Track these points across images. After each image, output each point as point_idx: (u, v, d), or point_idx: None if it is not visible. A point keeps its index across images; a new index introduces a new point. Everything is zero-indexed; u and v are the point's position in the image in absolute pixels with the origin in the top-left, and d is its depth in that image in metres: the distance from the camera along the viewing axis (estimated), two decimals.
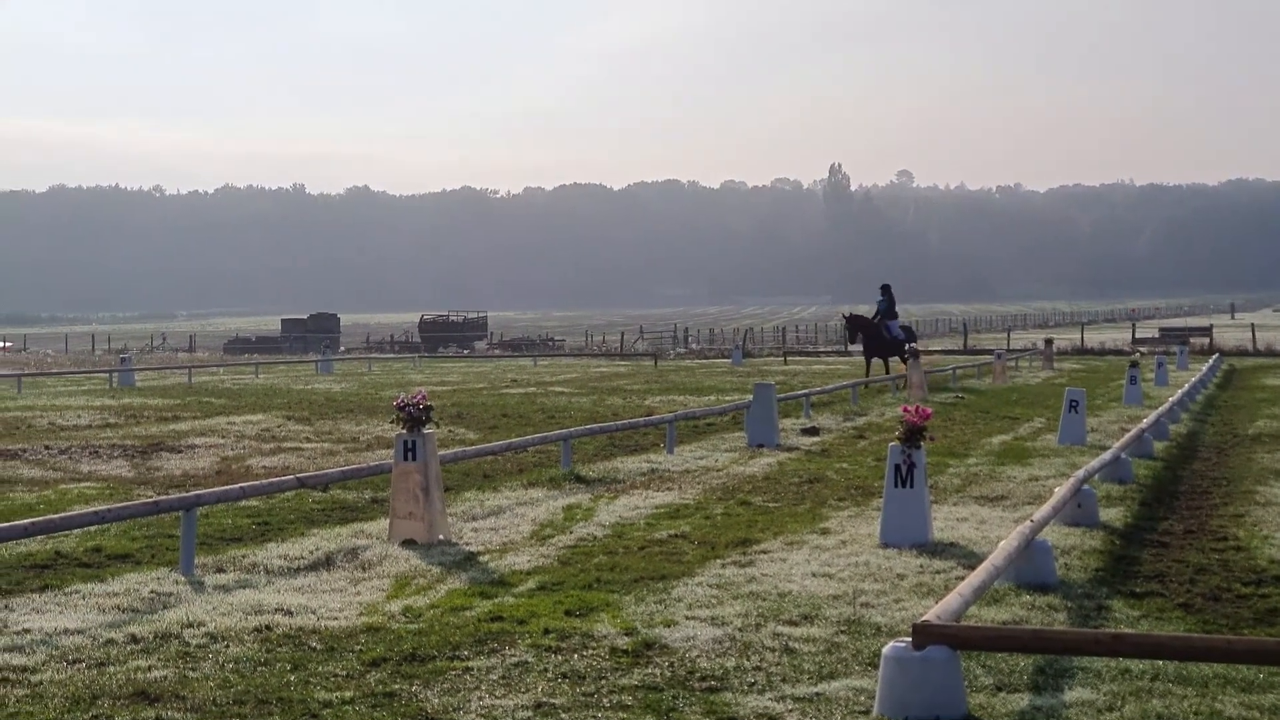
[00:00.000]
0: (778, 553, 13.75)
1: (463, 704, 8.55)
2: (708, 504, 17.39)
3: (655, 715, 8.33)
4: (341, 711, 8.41)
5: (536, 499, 17.92)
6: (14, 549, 13.73)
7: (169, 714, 8.35)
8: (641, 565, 13.08)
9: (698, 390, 40.96)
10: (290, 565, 13.26)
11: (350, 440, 26.02)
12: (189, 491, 16.46)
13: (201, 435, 26.89)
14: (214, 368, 61.40)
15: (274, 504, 17.18)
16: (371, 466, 17.54)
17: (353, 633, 10.38)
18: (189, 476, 20.68)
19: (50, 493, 18.74)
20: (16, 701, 8.61)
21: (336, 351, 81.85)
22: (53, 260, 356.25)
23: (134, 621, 10.79)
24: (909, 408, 14.68)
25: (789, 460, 22.46)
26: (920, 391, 37.02)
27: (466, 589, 12.00)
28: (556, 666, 9.40)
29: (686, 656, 9.64)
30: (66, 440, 25.90)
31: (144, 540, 14.59)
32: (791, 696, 8.67)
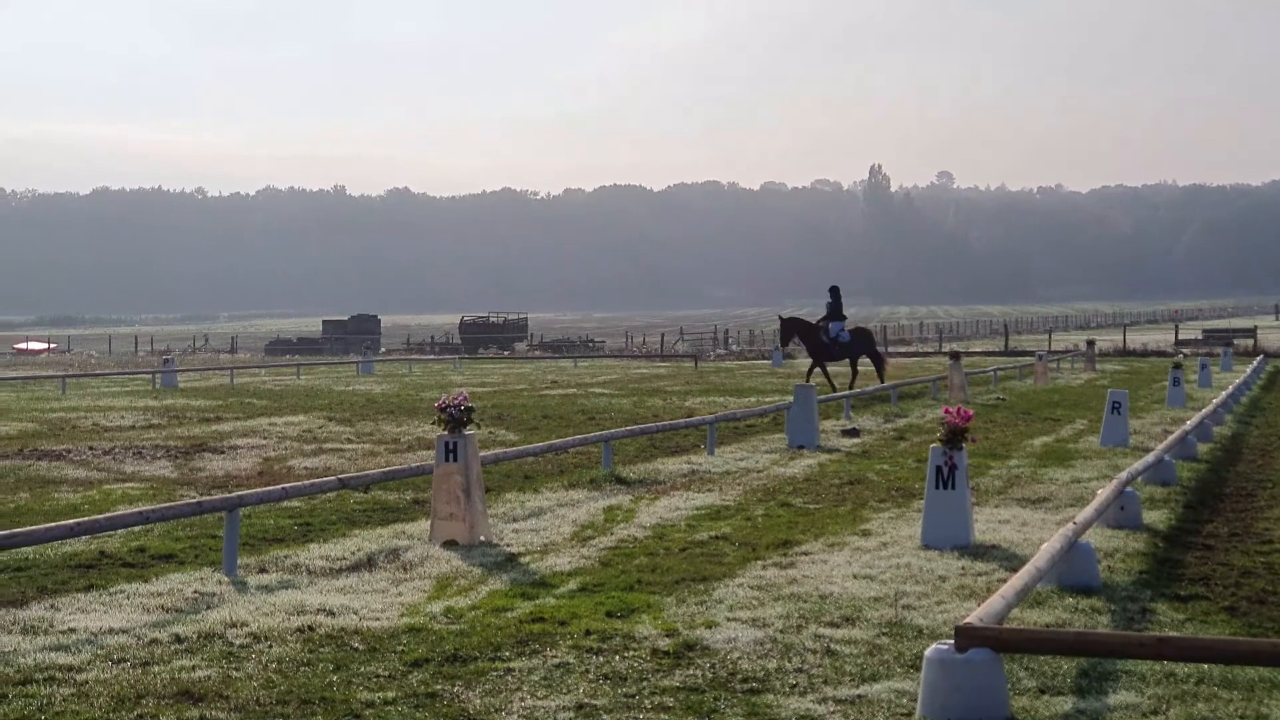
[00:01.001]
0: (819, 554, 13.73)
1: (504, 705, 8.56)
2: (748, 505, 17.37)
3: (697, 717, 8.32)
4: (384, 712, 8.43)
5: (577, 500, 17.93)
6: (59, 549, 13.82)
7: (213, 714, 8.39)
8: (682, 566, 13.07)
9: (738, 392, 40.93)
10: (332, 566, 13.30)
11: (391, 441, 26.09)
12: (231, 492, 16.54)
13: (243, 436, 27.00)
14: (255, 369, 61.62)
15: (316, 505, 17.24)
16: (412, 468, 17.59)
17: (394, 633, 10.40)
18: (231, 477, 20.77)
19: (95, 493, 18.85)
20: (62, 700, 8.67)
21: (377, 353, 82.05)
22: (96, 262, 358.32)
23: (178, 621, 10.84)
24: (950, 409, 14.65)
25: (829, 462, 22.42)
26: (961, 393, 36.89)
27: (508, 590, 12.01)
28: (598, 668, 9.41)
29: (728, 658, 9.63)
30: (110, 441, 26.05)
31: (187, 540, 14.66)
32: (833, 698, 8.65)
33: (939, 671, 7.97)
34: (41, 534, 12.04)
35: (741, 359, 74.63)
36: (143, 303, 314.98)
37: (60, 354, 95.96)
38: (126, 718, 8.31)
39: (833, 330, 40.27)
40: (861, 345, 40.83)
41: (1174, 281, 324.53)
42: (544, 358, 79.11)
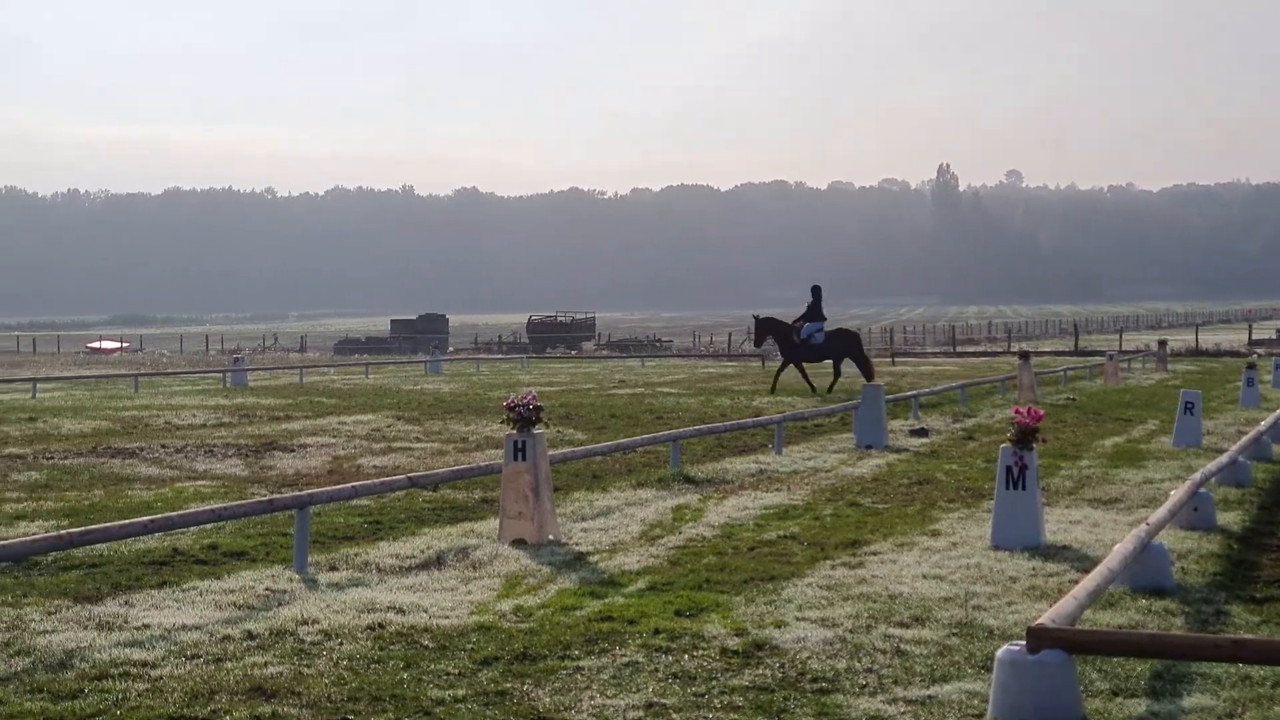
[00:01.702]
0: (888, 554, 13.67)
1: (574, 703, 8.58)
2: (817, 505, 17.33)
3: (766, 716, 8.31)
4: (454, 709, 8.46)
5: (645, 499, 17.93)
6: (133, 545, 13.94)
7: (285, 710, 8.45)
8: (751, 566, 13.06)
9: (805, 391, 40.80)
10: (402, 564, 13.36)
11: (459, 440, 26.18)
12: (302, 490, 16.63)
13: (313, 435, 27.16)
14: (325, 368, 61.97)
15: (385, 503, 17.32)
16: (481, 466, 17.64)
17: (464, 631, 10.44)
18: (301, 475, 20.89)
19: (167, 491, 19.01)
20: (137, 695, 8.75)
21: (445, 352, 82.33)
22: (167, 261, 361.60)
23: (250, 618, 10.92)
24: (1021, 409, 14.57)
25: (898, 461, 22.33)
26: (1030, 393, 36.67)
27: (577, 589, 12.03)
28: (667, 667, 9.41)
29: (797, 658, 9.61)
30: (182, 439, 26.27)
31: (258, 538, 14.76)
32: (903, 699, 8.62)
33: (1011, 672, 7.92)
34: (116, 531, 12.16)
35: None
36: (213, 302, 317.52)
37: (132, 353, 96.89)
38: (200, 713, 8.38)
39: (804, 332, 39.98)
40: (839, 348, 40.27)
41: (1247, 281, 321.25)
42: (611, 357, 79.16)
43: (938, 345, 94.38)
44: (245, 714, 8.35)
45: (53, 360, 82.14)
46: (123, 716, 8.31)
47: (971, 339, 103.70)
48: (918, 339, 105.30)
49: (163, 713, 8.38)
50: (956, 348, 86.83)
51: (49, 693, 8.81)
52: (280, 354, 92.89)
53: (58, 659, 9.65)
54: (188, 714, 8.36)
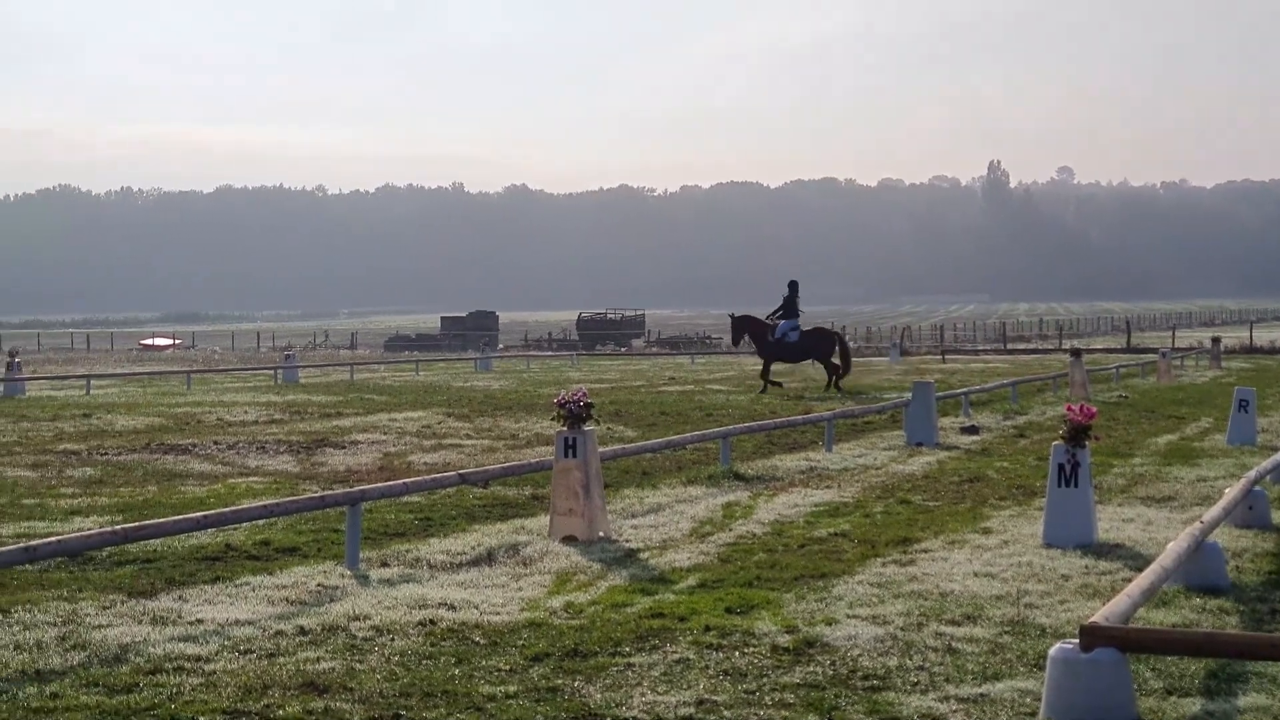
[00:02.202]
0: (939, 552, 13.63)
1: (625, 700, 8.58)
2: (867, 502, 17.29)
3: (818, 714, 8.30)
4: (505, 705, 8.48)
5: (695, 496, 17.93)
6: (186, 541, 14.03)
7: (337, 705, 8.48)
8: (801, 563, 13.04)
9: (854, 388, 40.72)
10: (452, 560, 13.40)
11: (510, 437, 26.23)
12: (353, 487, 16.69)
13: (364, 431, 27.26)
14: (375, 365, 62.19)
15: (436, 500, 17.37)
16: (532, 463, 17.68)
17: (515, 628, 10.46)
18: (352, 472, 20.97)
19: (220, 487, 19.13)
20: (191, 690, 8.81)
21: (495, 349, 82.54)
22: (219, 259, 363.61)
23: (302, 614, 10.97)
24: (1073, 406, 14.50)
25: (948, 459, 22.25)
26: (1082, 390, 36.47)
27: (627, 586, 12.04)
28: (718, 664, 9.40)
29: (848, 655, 9.59)
30: (234, 436, 26.41)
31: (310, 534, 14.82)
32: (955, 697, 8.59)
33: (1064, 671, 7.88)
34: (170, 526, 12.24)
35: (858, 356, 74.20)
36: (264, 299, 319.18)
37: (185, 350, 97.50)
38: (253, 708, 8.42)
39: (779, 330, 39.49)
40: (814, 347, 39.77)
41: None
42: (661, 354, 79.22)
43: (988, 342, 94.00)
44: (298, 709, 8.39)
45: (106, 357, 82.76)
46: (177, 711, 8.36)
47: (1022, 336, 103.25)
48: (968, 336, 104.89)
49: (216, 707, 8.43)
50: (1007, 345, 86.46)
51: (104, 687, 8.87)
52: (331, 351, 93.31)
53: (113, 653, 9.72)
54: (241, 708, 8.41)
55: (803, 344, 39.59)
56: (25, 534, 14.67)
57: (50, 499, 17.88)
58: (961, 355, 73.87)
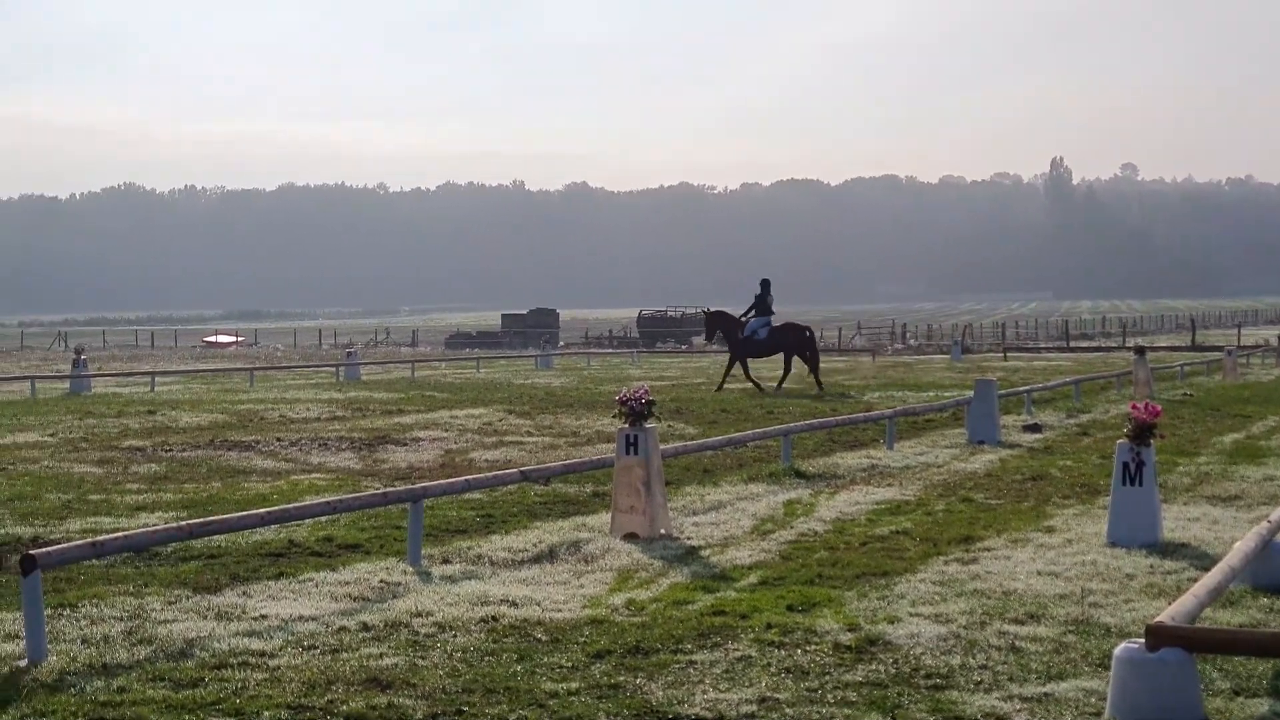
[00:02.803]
0: (1001, 550, 13.57)
1: (687, 697, 8.58)
2: (929, 500, 17.23)
3: (880, 712, 8.27)
4: (567, 702, 8.50)
5: (756, 494, 17.91)
6: (250, 537, 14.12)
7: (400, 700, 8.52)
8: (863, 561, 13.00)
9: (916, 386, 40.61)
10: (514, 557, 13.43)
11: (570, 434, 26.27)
12: (415, 484, 16.77)
13: (425, 429, 27.36)
14: (436, 362, 62.44)
15: (497, 497, 17.41)
16: (593, 460, 17.70)
17: (577, 625, 10.48)
18: (414, 469, 21.05)
19: (283, 483, 19.24)
20: (256, 685, 8.87)
21: (556, 346, 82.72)
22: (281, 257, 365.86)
23: (365, 610, 11.02)
24: (1138, 405, 14.40)
25: (1011, 457, 22.14)
26: (1146, 389, 36.20)
27: (688, 583, 12.04)
28: (780, 661, 9.39)
29: (911, 653, 9.56)
30: (296, 432, 26.56)
31: (372, 531, 14.89)
32: (1019, 696, 8.54)
33: (1129, 671, 7.82)
34: (234, 522, 12.32)
35: (919, 353, 73.97)
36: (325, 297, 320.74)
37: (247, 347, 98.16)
38: (317, 703, 8.47)
39: (748, 328, 39.45)
40: (783, 343, 39.61)
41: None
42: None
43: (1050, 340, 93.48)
44: (361, 704, 8.43)
45: (170, 354, 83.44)
46: (242, 705, 8.42)
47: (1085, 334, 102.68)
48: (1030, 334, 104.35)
49: (281, 702, 8.48)
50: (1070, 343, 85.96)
51: (170, 681, 8.95)
52: (392, 348, 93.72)
53: (178, 648, 9.80)
54: (305, 703, 8.46)
55: (771, 341, 39.59)
56: (92, 529, 14.80)
57: (116, 495, 18.04)
58: (1024, 353, 73.44)
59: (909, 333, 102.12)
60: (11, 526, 15.43)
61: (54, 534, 14.77)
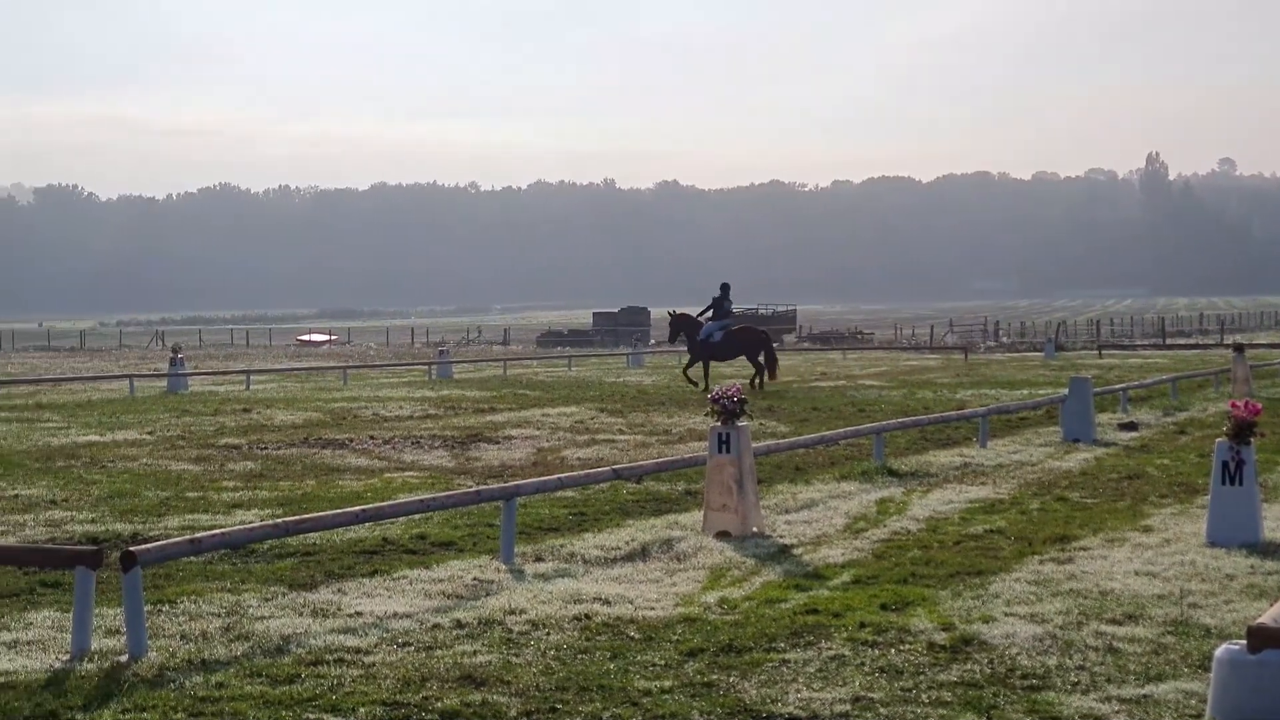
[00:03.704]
0: (1098, 550, 13.44)
1: (780, 696, 8.56)
2: (1023, 499, 17.10)
3: (976, 713, 8.21)
4: (661, 700, 8.50)
5: (849, 492, 17.84)
6: (344, 534, 14.23)
7: (494, 698, 8.56)
8: (957, 560, 12.92)
9: (1009, 384, 40.30)
10: (607, 555, 13.46)
11: (662, 432, 26.27)
12: (507, 482, 16.82)
13: (517, 427, 27.45)
14: (528, 360, 62.67)
15: (589, 495, 17.44)
16: (685, 459, 17.69)
17: (669, 623, 10.48)
18: (506, 467, 21.14)
19: (376, 481, 19.37)
20: (352, 681, 8.94)
21: (647, 344, 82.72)
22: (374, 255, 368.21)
23: (458, 607, 11.08)
24: (1237, 403, 14.22)
25: (1106, 456, 21.92)
26: (1245, 386, 35.70)
27: (781, 581, 12.01)
28: (873, 660, 9.35)
29: (1006, 654, 9.49)
30: (390, 431, 26.73)
31: (465, 529, 14.97)
32: (1117, 698, 8.46)
33: (1230, 672, 7.72)
34: (329, 520, 12.43)
35: (1012, 351, 73.36)
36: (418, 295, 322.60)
37: (340, 346, 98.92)
38: (412, 699, 8.52)
39: (704, 331, 39.64)
40: (738, 346, 39.52)
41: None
42: (812, 350, 78.87)
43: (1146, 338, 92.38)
44: (456, 701, 8.48)
45: (265, 353, 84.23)
46: (338, 702, 8.49)
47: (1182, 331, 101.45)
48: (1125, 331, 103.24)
49: (376, 698, 8.54)
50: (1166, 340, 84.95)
51: (267, 677, 9.03)
52: (484, 346, 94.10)
53: (275, 644, 9.89)
54: (400, 700, 8.51)
55: (725, 343, 39.71)
56: (190, 526, 14.98)
57: (213, 492, 18.24)
58: (1119, 350, 72.63)
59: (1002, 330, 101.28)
60: (111, 523, 15.65)
61: (153, 531, 14.96)
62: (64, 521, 15.83)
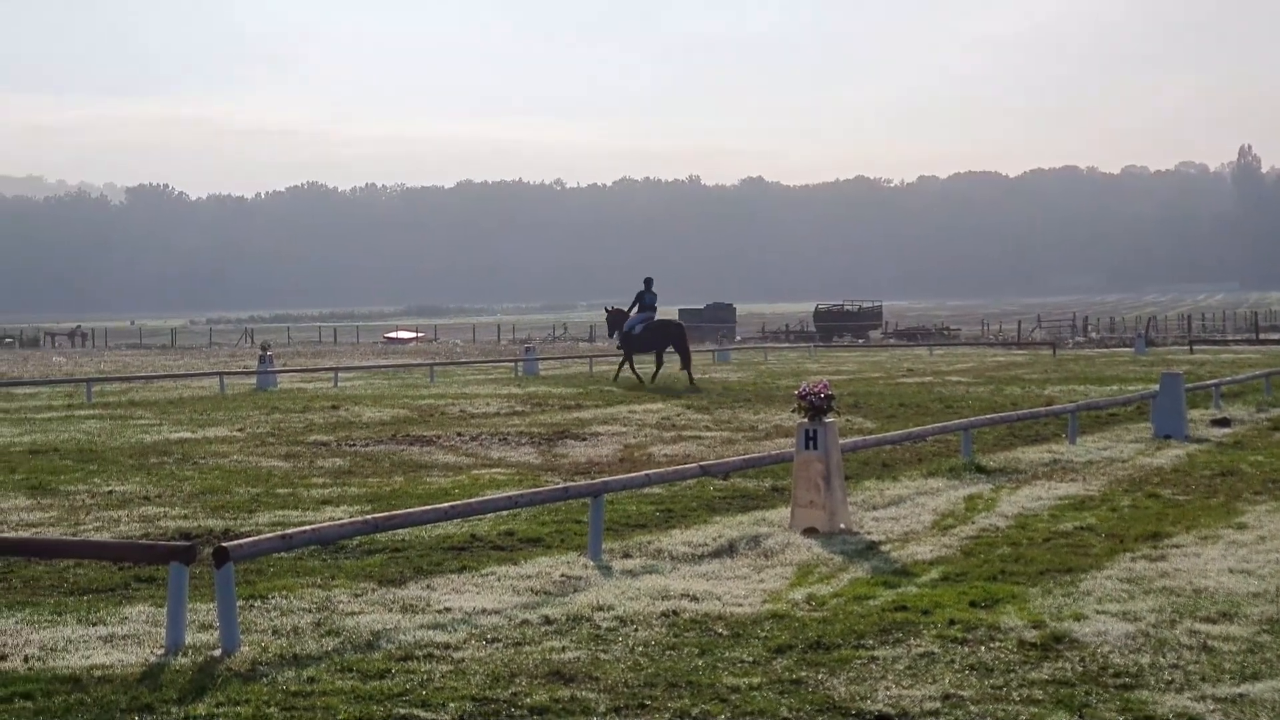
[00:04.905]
0: (1190, 547, 13.29)
1: (869, 693, 8.53)
2: (1114, 496, 16.94)
3: (1068, 711, 8.15)
4: (749, 697, 8.49)
5: (936, 489, 17.74)
6: (432, 531, 14.32)
7: (583, 694, 8.58)
8: (1047, 557, 12.82)
9: (1099, 380, 39.92)
10: (694, 552, 13.45)
11: (748, 429, 26.23)
12: (594, 478, 16.86)
13: (604, 423, 27.49)
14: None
15: (676, 491, 17.44)
16: (772, 455, 17.65)
17: (757, 619, 10.47)
18: (593, 464, 21.18)
19: (464, 478, 19.46)
20: (441, 676, 8.99)
21: (733, 341, 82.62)
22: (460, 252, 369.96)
23: (546, 603, 11.11)
24: None
25: (1198, 452, 21.68)
26: None
27: (869, 578, 11.97)
28: (963, 658, 9.30)
29: (1098, 652, 9.41)
30: (476, 427, 26.84)
31: (553, 525, 15.01)
32: (1212, 697, 8.36)
33: None
34: (418, 516, 12.49)
35: (1102, 346, 72.68)
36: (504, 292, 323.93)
37: (427, 343, 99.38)
38: (501, 695, 8.56)
39: (628, 324, 41.32)
40: (656, 339, 41.14)
41: None
42: (899, 345, 78.50)
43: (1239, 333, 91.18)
44: (544, 697, 8.50)
45: (353, 350, 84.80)
46: (428, 697, 8.54)
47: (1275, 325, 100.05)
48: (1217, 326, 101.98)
49: (465, 694, 8.58)
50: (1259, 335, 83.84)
51: (358, 672, 9.10)
52: (570, 343, 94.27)
53: (365, 640, 9.97)
54: (489, 695, 8.55)
55: (644, 336, 41.35)
56: (280, 523, 15.12)
57: (302, 488, 18.39)
58: (1210, 345, 71.74)
59: (1090, 325, 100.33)
60: (204, 519, 15.82)
61: (243, 527, 15.10)
62: (157, 517, 16.01)
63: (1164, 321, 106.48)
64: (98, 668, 9.30)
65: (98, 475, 20.06)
